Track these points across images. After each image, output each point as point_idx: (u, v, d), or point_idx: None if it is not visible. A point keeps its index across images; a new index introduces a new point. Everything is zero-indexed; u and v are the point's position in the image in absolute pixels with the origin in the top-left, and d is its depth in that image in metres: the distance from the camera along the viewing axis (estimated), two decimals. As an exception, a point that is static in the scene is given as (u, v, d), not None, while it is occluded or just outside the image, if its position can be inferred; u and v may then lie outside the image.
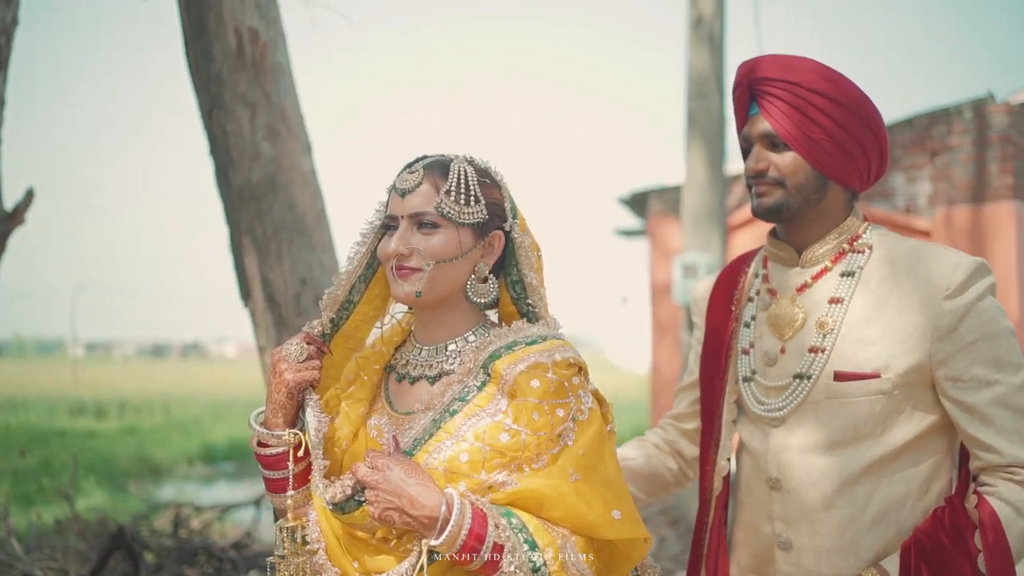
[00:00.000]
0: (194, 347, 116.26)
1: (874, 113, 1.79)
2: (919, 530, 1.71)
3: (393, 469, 1.46)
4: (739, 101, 1.88)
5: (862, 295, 1.80)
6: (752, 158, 1.83)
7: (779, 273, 1.92)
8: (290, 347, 1.63)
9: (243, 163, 3.37)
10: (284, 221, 3.37)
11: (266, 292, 3.38)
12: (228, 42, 3.33)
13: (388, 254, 1.58)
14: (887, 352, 1.74)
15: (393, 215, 1.60)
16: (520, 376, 1.50)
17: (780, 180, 1.80)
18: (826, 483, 1.78)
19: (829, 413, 1.78)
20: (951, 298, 1.71)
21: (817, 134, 1.76)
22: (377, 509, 1.45)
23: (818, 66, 1.77)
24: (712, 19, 7.23)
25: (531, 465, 1.49)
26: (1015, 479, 1.66)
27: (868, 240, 1.85)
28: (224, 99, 3.36)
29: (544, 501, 1.46)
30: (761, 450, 1.88)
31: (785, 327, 1.86)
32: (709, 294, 2.10)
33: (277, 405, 1.60)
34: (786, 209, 1.81)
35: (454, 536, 1.42)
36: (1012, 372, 1.69)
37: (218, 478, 13.80)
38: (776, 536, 1.85)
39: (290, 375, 1.59)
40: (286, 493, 1.60)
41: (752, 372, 1.91)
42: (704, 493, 2.01)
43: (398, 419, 1.62)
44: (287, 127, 3.42)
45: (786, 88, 1.76)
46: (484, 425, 1.51)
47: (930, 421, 1.76)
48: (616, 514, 1.50)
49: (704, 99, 7.24)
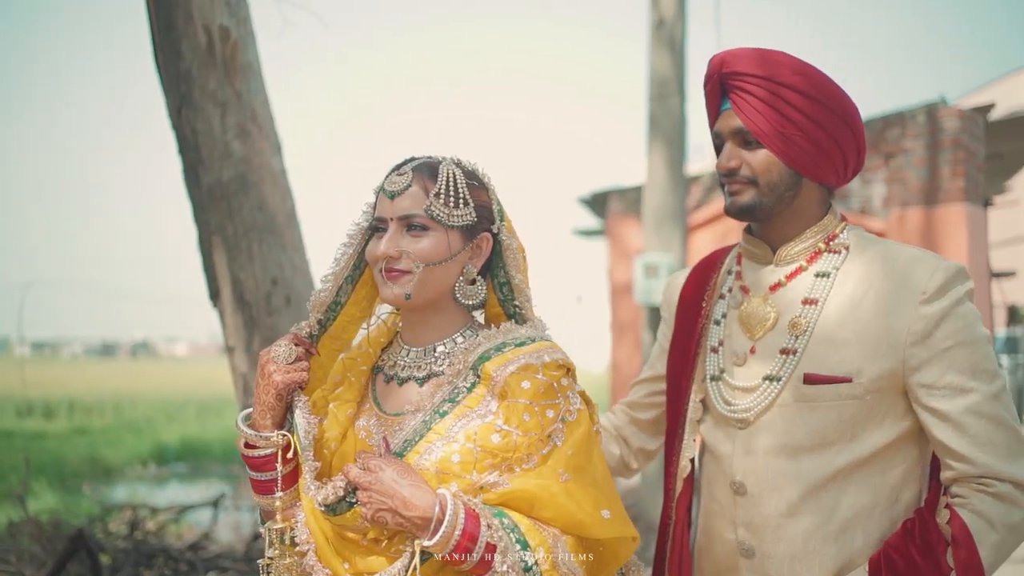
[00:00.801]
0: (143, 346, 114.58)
1: (850, 107, 1.74)
2: (889, 544, 1.67)
3: (386, 470, 1.47)
4: (710, 96, 1.82)
5: (837, 296, 1.74)
6: (724, 156, 1.78)
7: (753, 271, 1.87)
8: (279, 348, 1.62)
9: (213, 162, 3.33)
10: (255, 220, 3.34)
11: (236, 292, 3.35)
12: (197, 40, 3.29)
13: (377, 256, 1.58)
14: (860, 356, 1.69)
15: (382, 217, 1.60)
16: (511, 377, 1.52)
17: (752, 178, 1.75)
18: (792, 489, 1.73)
19: (797, 417, 1.73)
20: (928, 303, 1.66)
21: (790, 130, 1.70)
22: (370, 510, 1.46)
23: (791, 60, 1.71)
24: (673, 21, 7.31)
25: (522, 466, 1.51)
26: (988, 491, 1.62)
27: (845, 240, 1.80)
28: (193, 97, 3.32)
29: (535, 501, 1.49)
30: (725, 453, 1.82)
31: (756, 326, 1.81)
32: (680, 289, 2.05)
33: (265, 407, 1.60)
34: (759, 208, 1.76)
35: (447, 536, 1.43)
36: (988, 380, 1.64)
37: (171, 479, 13.64)
38: (739, 543, 1.80)
39: (279, 376, 1.59)
40: (274, 495, 1.60)
41: (720, 371, 1.86)
42: (668, 493, 1.98)
43: (387, 420, 1.62)
44: (257, 126, 3.39)
45: (758, 83, 1.70)
46: (475, 426, 1.52)
47: (901, 429, 1.71)
48: (605, 513, 1.53)
49: (665, 101, 7.31)
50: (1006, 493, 1.61)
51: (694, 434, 1.91)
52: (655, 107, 7.35)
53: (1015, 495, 1.61)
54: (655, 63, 7.36)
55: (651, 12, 7.41)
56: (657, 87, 7.34)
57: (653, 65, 7.36)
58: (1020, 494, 1.61)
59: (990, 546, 1.60)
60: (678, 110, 7.31)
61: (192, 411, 21.28)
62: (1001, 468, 1.61)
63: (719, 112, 1.81)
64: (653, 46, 7.37)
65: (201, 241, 3.44)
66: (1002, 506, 1.61)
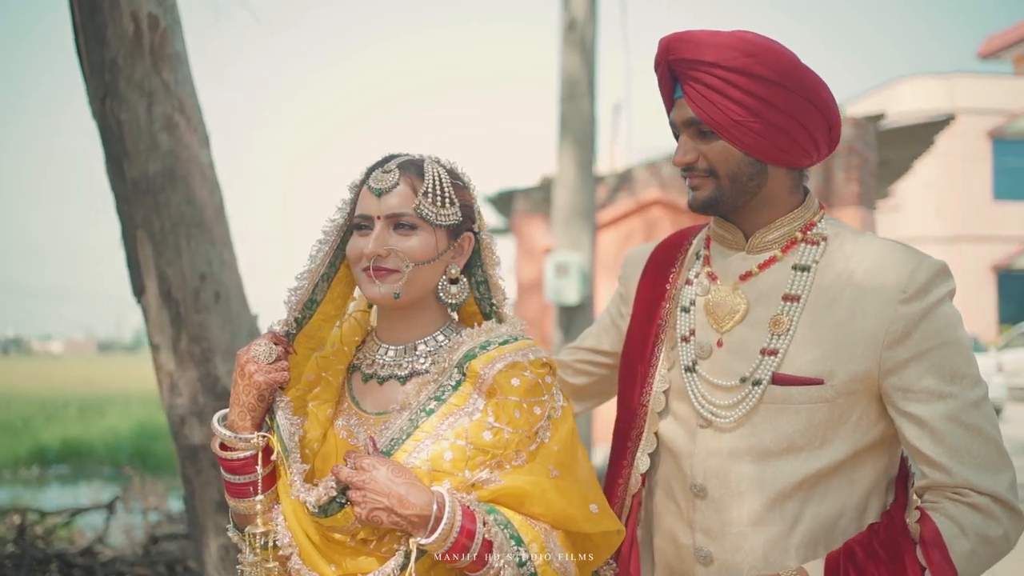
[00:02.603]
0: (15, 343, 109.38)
1: (810, 81, 1.60)
2: (852, 540, 1.58)
3: (380, 469, 1.46)
4: (661, 83, 1.71)
5: (814, 292, 1.64)
6: (679, 149, 1.68)
7: (722, 256, 1.75)
8: (259, 348, 1.58)
9: (139, 154, 3.22)
10: (183, 215, 3.25)
11: (162, 288, 3.25)
12: (124, 27, 3.18)
13: (366, 254, 1.56)
14: (833, 356, 1.59)
15: (367, 215, 1.58)
16: (499, 375, 1.54)
17: (711, 170, 1.64)
18: (756, 496, 1.63)
19: (765, 419, 1.63)
20: (908, 302, 1.56)
21: (742, 117, 1.58)
22: (364, 510, 1.45)
23: (737, 40, 1.58)
24: (584, 23, 7.41)
25: (511, 463, 1.52)
26: (963, 501, 1.53)
27: (823, 230, 1.69)
28: (119, 87, 3.20)
29: (526, 497, 1.50)
30: (685, 452, 1.72)
31: (724, 317, 1.70)
32: (643, 268, 1.93)
33: (245, 408, 1.57)
34: (721, 202, 1.66)
35: (446, 534, 1.44)
36: (968, 386, 1.55)
37: (53, 481, 13.09)
38: (696, 548, 1.70)
39: (261, 377, 1.55)
40: (250, 498, 1.57)
41: (693, 363, 1.73)
42: (616, 489, 1.85)
43: (369, 419, 1.61)
44: (185, 118, 3.29)
45: (704, 69, 1.58)
46: (463, 424, 1.53)
47: (872, 436, 1.63)
48: (593, 508, 1.56)
49: (575, 101, 7.42)
50: (983, 505, 1.52)
51: (654, 427, 1.79)
52: (566, 107, 7.45)
53: (992, 508, 1.52)
54: (565, 64, 7.46)
55: (562, 14, 7.50)
56: (568, 87, 7.44)
57: (564, 66, 7.47)
58: (998, 508, 1.53)
59: (962, 554, 1.50)
60: (588, 110, 7.43)
61: (73, 411, 20.42)
62: (978, 481, 1.52)
63: (674, 100, 1.69)
64: (564, 47, 7.46)
65: (125, 236, 3.32)
66: (978, 516, 1.52)
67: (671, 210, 8.97)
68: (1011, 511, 1.54)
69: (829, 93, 1.63)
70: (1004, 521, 1.53)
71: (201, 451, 3.25)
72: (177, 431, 3.29)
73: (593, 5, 7.46)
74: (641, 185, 9.37)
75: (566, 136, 7.43)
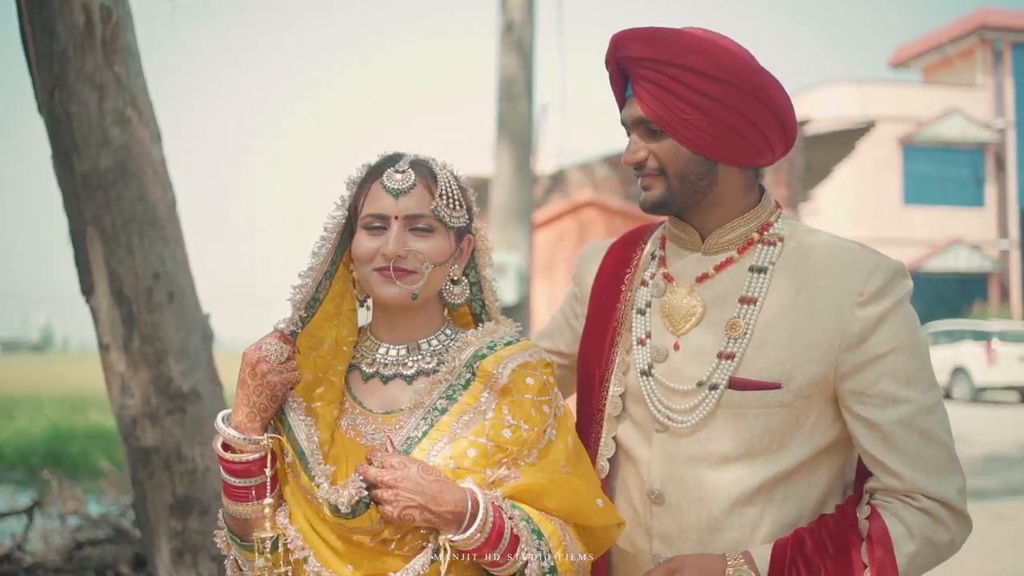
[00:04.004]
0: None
1: (763, 80, 1.57)
2: (802, 529, 1.57)
3: (410, 467, 1.46)
4: (612, 81, 1.69)
5: (771, 294, 1.61)
6: (629, 148, 1.65)
7: (678, 257, 1.71)
8: (270, 347, 1.54)
9: (89, 149, 3.13)
10: (135, 212, 3.17)
11: (113, 287, 3.17)
12: (74, 19, 3.09)
13: (386, 254, 1.55)
14: (791, 360, 1.56)
15: (383, 214, 1.57)
16: (514, 374, 1.56)
17: (661, 168, 1.62)
18: (715, 502, 1.61)
19: (722, 424, 1.60)
20: (865, 305, 1.54)
21: (691, 115, 1.56)
22: (396, 508, 1.44)
23: (687, 37, 1.56)
24: (522, 25, 7.45)
25: (525, 460, 1.55)
26: (914, 505, 1.53)
27: (780, 231, 1.66)
28: (68, 79, 3.11)
29: (543, 493, 1.53)
30: (643, 457, 1.68)
31: (680, 320, 1.67)
32: (597, 268, 1.90)
33: (256, 409, 1.53)
34: (671, 202, 1.63)
35: (481, 529, 1.45)
36: (923, 391, 1.54)
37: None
38: (654, 556, 1.66)
39: (274, 377, 1.52)
40: (250, 501, 1.54)
41: (649, 367, 1.69)
42: None
43: (376, 418, 1.60)
44: (137, 112, 3.22)
45: (651, 67, 1.56)
46: (479, 422, 1.55)
47: (829, 438, 1.61)
48: (599, 502, 1.60)
49: (513, 102, 7.46)
50: (932, 510, 1.53)
51: (612, 432, 1.76)
52: (503, 108, 7.49)
53: (941, 514, 1.53)
54: (504, 65, 7.49)
55: (500, 15, 7.53)
56: (505, 88, 7.48)
57: (502, 67, 7.50)
58: (947, 513, 1.53)
59: (906, 555, 1.51)
60: (526, 111, 7.47)
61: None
62: (929, 486, 1.52)
63: (625, 99, 1.67)
64: (502, 48, 7.50)
65: (74, 232, 3.23)
66: (927, 520, 1.53)
67: (604, 211, 9.08)
68: (959, 517, 1.55)
69: (782, 92, 1.61)
70: (952, 527, 1.54)
71: (154, 453, 3.18)
72: (128, 433, 3.21)
73: (531, 7, 7.51)
74: (574, 186, 9.47)
75: (503, 136, 7.47)
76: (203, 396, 3.26)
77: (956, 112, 29.77)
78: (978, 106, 30.30)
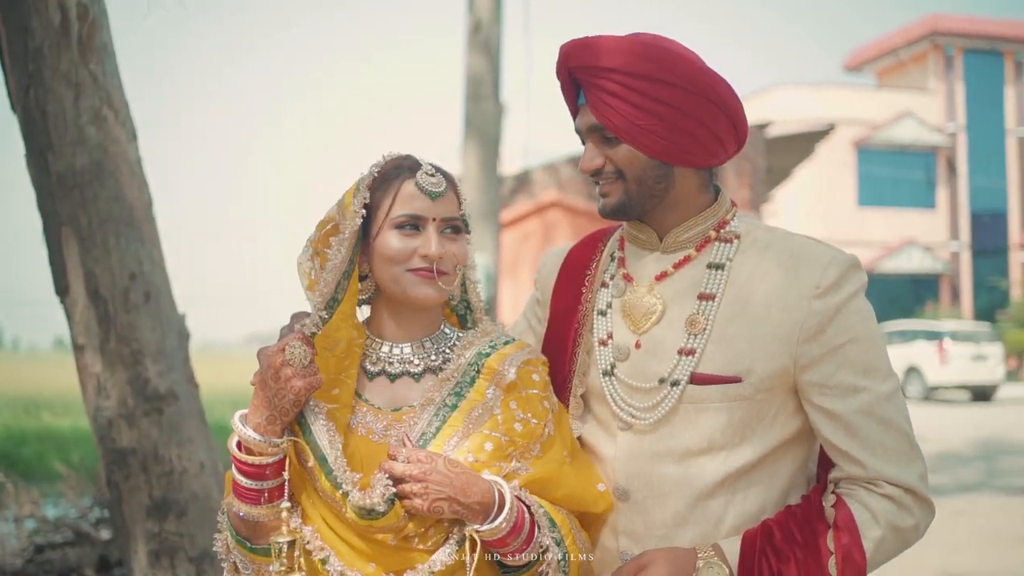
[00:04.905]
0: None
1: (712, 82, 1.59)
2: (770, 520, 1.60)
3: (436, 460, 1.49)
4: (564, 90, 1.71)
5: (729, 290, 1.63)
6: (585, 156, 1.67)
7: (637, 257, 1.74)
8: (295, 350, 1.51)
9: (65, 148, 3.10)
10: (111, 212, 3.14)
11: (89, 287, 3.14)
12: (50, 16, 3.06)
13: (431, 256, 1.58)
14: (750, 354, 1.59)
15: (422, 216, 1.60)
16: (520, 371, 1.62)
17: (619, 171, 1.64)
18: (679, 497, 1.63)
19: (685, 419, 1.62)
20: (821, 297, 1.57)
21: (644, 121, 1.58)
22: (426, 501, 1.47)
23: (636, 46, 1.58)
24: (489, 25, 7.47)
25: (531, 452, 1.60)
26: (877, 491, 1.57)
27: (736, 228, 1.69)
28: (44, 77, 3.08)
29: (551, 482, 1.59)
30: (608, 455, 1.70)
31: (641, 319, 1.68)
32: (558, 272, 1.91)
33: (278, 412, 1.50)
34: (630, 207, 1.66)
35: (509, 519, 1.50)
36: (880, 380, 1.58)
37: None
38: (621, 553, 1.68)
39: (300, 381, 1.50)
40: (266, 504, 1.52)
41: (611, 366, 1.70)
42: None
43: (386, 415, 1.62)
44: (113, 111, 3.19)
45: (604, 76, 1.58)
46: (488, 417, 1.59)
47: (791, 430, 1.64)
48: (601, 487, 1.67)
49: (480, 102, 7.48)
50: (896, 496, 1.56)
51: (577, 432, 1.77)
52: (470, 108, 7.49)
53: (904, 499, 1.57)
54: (471, 65, 7.50)
55: (468, 16, 7.54)
56: (473, 88, 7.49)
57: (469, 67, 7.50)
58: (910, 500, 1.57)
59: (871, 540, 1.55)
60: (493, 111, 7.49)
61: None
62: (891, 473, 1.56)
63: (578, 108, 1.70)
64: (470, 49, 7.50)
65: (48, 232, 3.20)
66: (891, 506, 1.56)
67: (569, 212, 9.12)
68: (922, 502, 1.58)
69: (731, 92, 1.63)
70: (915, 511, 1.58)
71: (130, 455, 3.16)
72: (104, 434, 3.18)
73: (498, 7, 7.53)
74: (539, 187, 9.50)
75: (471, 136, 7.48)
76: (180, 397, 3.24)
77: (909, 116, 30.37)
78: (930, 110, 30.93)
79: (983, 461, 10.53)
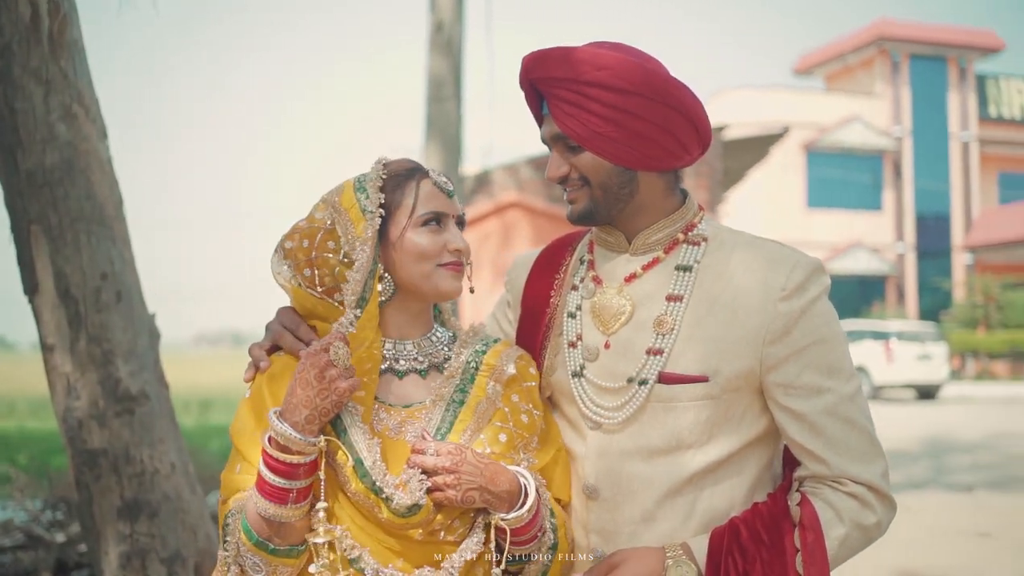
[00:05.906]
0: None
1: (671, 86, 1.62)
2: (736, 519, 1.63)
3: (465, 452, 1.53)
4: (528, 100, 1.75)
5: (697, 291, 1.67)
6: (551, 164, 1.71)
7: (606, 259, 1.77)
8: (338, 351, 1.52)
9: (34, 145, 3.06)
10: (82, 210, 3.11)
11: (59, 286, 3.10)
12: (20, 12, 3.02)
13: (462, 250, 1.65)
14: (717, 354, 1.63)
15: (444, 212, 1.65)
16: (519, 365, 1.70)
17: (584, 177, 1.67)
18: (647, 495, 1.66)
19: (652, 418, 1.66)
20: (787, 300, 1.61)
21: (605, 129, 1.61)
22: (460, 491, 1.51)
23: (591, 55, 1.61)
24: (451, 26, 7.48)
25: (532, 444, 1.67)
26: (842, 490, 1.61)
27: (704, 231, 1.72)
28: (13, 74, 3.04)
29: (553, 471, 1.69)
30: (578, 454, 1.73)
31: (610, 319, 1.71)
32: (527, 274, 1.93)
33: (318, 412, 1.49)
34: (597, 212, 1.69)
35: (533, 507, 1.57)
36: (844, 380, 1.62)
37: None
38: (591, 550, 1.71)
39: (344, 383, 1.50)
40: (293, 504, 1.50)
41: (581, 368, 1.73)
42: None
43: (398, 412, 1.63)
44: (84, 109, 3.16)
45: (562, 86, 1.62)
46: (493, 411, 1.64)
47: (758, 429, 1.68)
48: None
49: (442, 103, 7.48)
50: (859, 494, 1.61)
51: None
52: (432, 109, 7.50)
53: (868, 497, 1.61)
54: (432, 65, 7.51)
55: (429, 16, 7.55)
56: (434, 89, 7.50)
57: (431, 68, 7.51)
58: (873, 497, 1.62)
59: (835, 538, 1.59)
60: (455, 112, 7.50)
61: None
62: (855, 471, 1.61)
63: (542, 116, 1.73)
64: (431, 49, 7.51)
65: (17, 230, 3.16)
66: (855, 504, 1.61)
67: (529, 212, 9.16)
68: (885, 499, 1.63)
69: (690, 94, 1.65)
70: (878, 509, 1.62)
71: (101, 456, 3.12)
72: (74, 435, 3.14)
73: (460, 7, 7.54)
74: (499, 187, 9.53)
75: (432, 137, 7.49)
76: (151, 397, 3.22)
77: (856, 119, 30.92)
78: (877, 114, 31.53)
79: (930, 459, 10.78)
